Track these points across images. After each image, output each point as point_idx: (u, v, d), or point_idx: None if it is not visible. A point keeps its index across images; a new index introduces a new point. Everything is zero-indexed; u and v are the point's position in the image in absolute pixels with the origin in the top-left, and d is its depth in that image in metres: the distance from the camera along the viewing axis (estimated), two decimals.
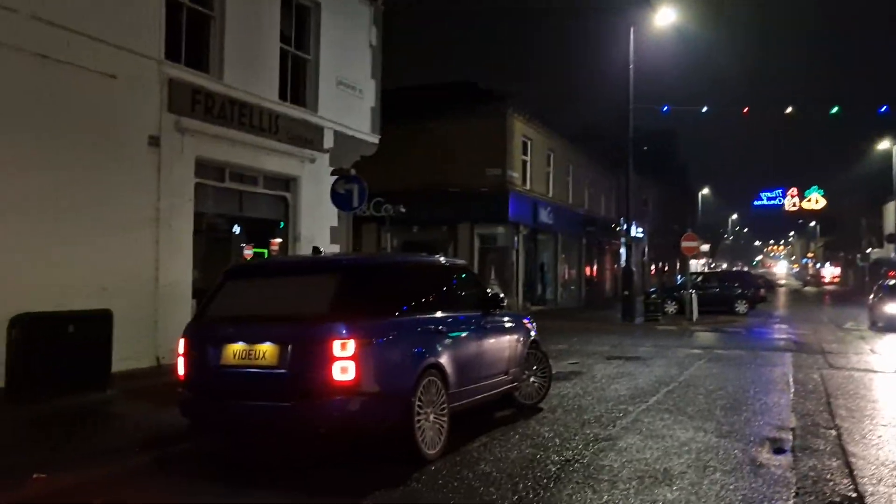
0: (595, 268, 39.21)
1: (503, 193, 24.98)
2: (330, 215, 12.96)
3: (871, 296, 24.83)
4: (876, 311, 22.14)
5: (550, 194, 30.05)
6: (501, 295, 8.05)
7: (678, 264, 51.61)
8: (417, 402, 5.80)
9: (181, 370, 5.84)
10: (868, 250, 55.47)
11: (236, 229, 12.20)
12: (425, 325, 6.26)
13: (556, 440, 6.86)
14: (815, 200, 63.14)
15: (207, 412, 5.74)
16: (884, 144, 43.75)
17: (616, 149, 36.79)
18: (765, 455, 6.42)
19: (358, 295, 5.67)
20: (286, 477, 5.76)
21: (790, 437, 7.15)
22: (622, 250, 33.01)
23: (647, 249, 49.63)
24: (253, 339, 5.48)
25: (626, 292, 23.95)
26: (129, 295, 8.87)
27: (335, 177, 11.00)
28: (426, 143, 25.45)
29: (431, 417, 6.03)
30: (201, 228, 10.72)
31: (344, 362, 5.22)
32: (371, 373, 5.44)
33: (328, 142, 13.08)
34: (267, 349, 5.42)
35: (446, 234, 26.27)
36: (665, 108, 24.22)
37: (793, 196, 63.53)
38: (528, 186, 27.35)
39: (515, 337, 8.10)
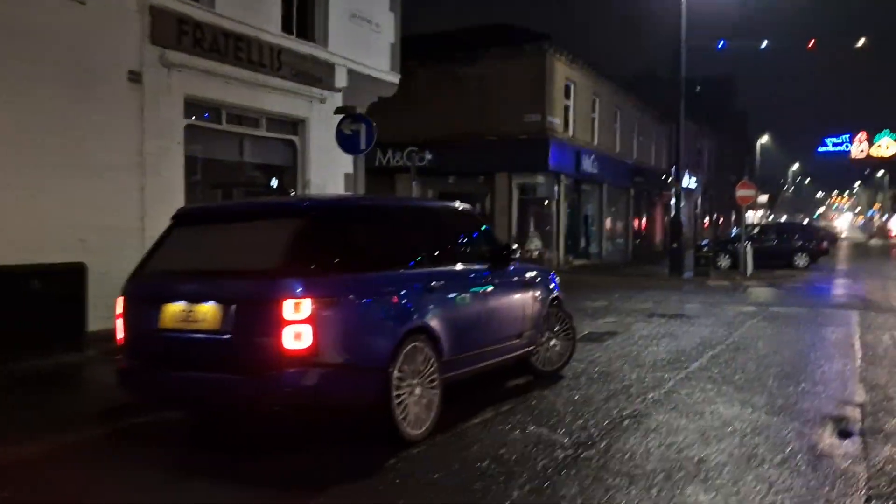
0: (644, 221, 37.44)
1: (543, 141, 23.50)
2: (344, 161, 11.95)
3: None
4: None
5: (595, 142, 28.35)
6: (515, 246, 6.90)
7: (734, 216, 49.19)
8: (397, 374, 4.81)
9: (119, 334, 4.97)
10: None
11: (272, 181, 11.21)
12: (411, 281, 5.22)
13: (572, 417, 5.81)
14: (886, 146, 58.95)
15: (145, 383, 4.88)
16: None
17: (669, 94, 34.72)
18: (826, 440, 5.25)
19: (322, 244, 4.66)
20: (241, 461, 4.87)
21: (858, 416, 5.94)
22: (673, 201, 31.25)
23: (700, 201, 47.35)
24: (194, 298, 4.55)
25: (675, 245, 22.43)
26: (111, 248, 8.08)
27: (340, 116, 9.92)
28: (462, 89, 24.10)
29: (417, 391, 5.04)
30: (196, 175, 9.85)
31: (297, 327, 4.24)
32: (334, 339, 4.45)
33: (341, 80, 11.97)
34: (209, 310, 4.47)
35: (483, 184, 25.03)
36: (721, 44, 22.20)
37: (861, 142, 59.47)
38: (570, 134, 25.74)
39: (532, 294, 7.01)
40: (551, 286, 7.56)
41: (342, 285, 4.59)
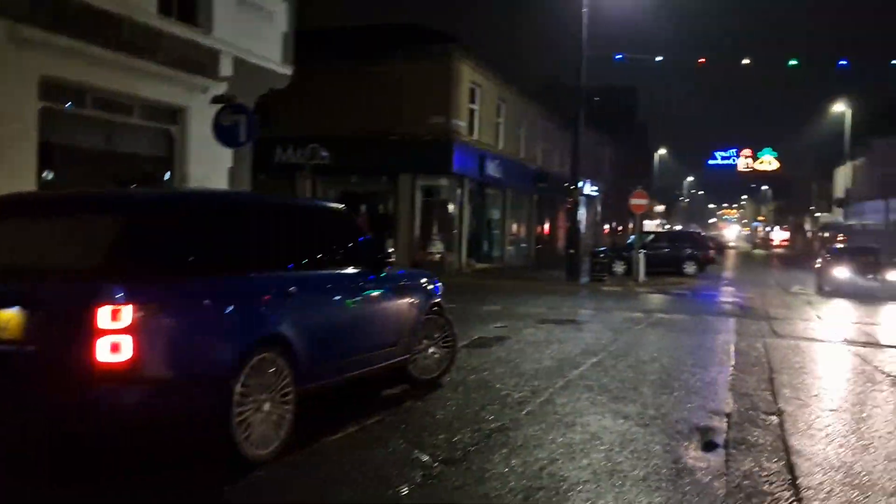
0: (547, 226, 38.13)
1: (447, 143, 23.37)
2: (227, 154, 11.28)
3: (819, 260, 24.27)
4: (823, 276, 21.52)
5: (500, 147, 28.55)
6: (391, 250, 6.59)
7: (631, 224, 51.02)
8: (240, 389, 4.36)
9: None
10: (817, 214, 55.69)
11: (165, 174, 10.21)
12: (263, 286, 4.78)
13: (440, 431, 5.53)
14: (769, 162, 63.04)
15: None
16: (837, 107, 43.20)
17: (571, 103, 35.54)
18: (691, 453, 5.20)
19: (150, 243, 4.15)
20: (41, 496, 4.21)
21: (724, 427, 5.97)
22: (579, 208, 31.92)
23: (600, 208, 48.77)
24: None
25: (572, 251, 22.83)
26: None
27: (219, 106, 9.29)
28: (367, 87, 23.63)
29: (266, 407, 4.61)
30: (57, 164, 8.95)
31: (115, 337, 3.73)
32: (161, 352, 3.96)
33: (226, 69, 11.28)
34: (12, 317, 3.88)
35: (387, 185, 24.66)
36: (619, 56, 22.79)
37: (746, 157, 63.30)
38: (475, 137, 25.77)
39: (408, 301, 6.70)
40: (431, 292, 7.28)
41: (173, 290, 4.10)
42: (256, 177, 19.61)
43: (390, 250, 6.54)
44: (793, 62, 20.15)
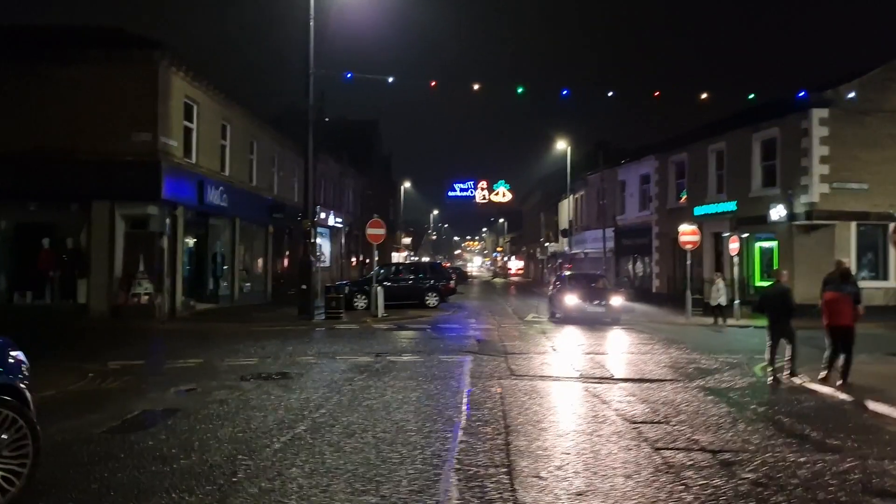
0: (287, 260, 35.37)
1: (154, 164, 19.72)
2: None
3: (551, 287, 24.88)
4: (555, 303, 21.82)
5: (227, 172, 25.37)
6: None
7: (378, 257, 50.25)
8: None
9: None
10: (546, 244, 60.03)
11: None
12: None
13: None
14: (503, 194, 67.13)
15: None
16: (560, 144, 46.79)
17: (315, 132, 33.56)
18: None
19: None
20: None
21: None
22: (314, 240, 29.71)
23: (345, 241, 47.27)
24: None
25: (304, 286, 20.51)
26: None
27: None
28: (51, 94, 19.30)
29: None
30: None
31: None
32: None
33: None
34: None
35: (78, 213, 20.21)
36: (348, 75, 21.25)
37: (483, 189, 66.74)
38: (192, 160, 22.36)
39: None
40: None
41: None
42: None
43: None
44: (520, 89, 20.19)
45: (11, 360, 4.73)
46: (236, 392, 8.97)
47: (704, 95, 21.39)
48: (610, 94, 20.60)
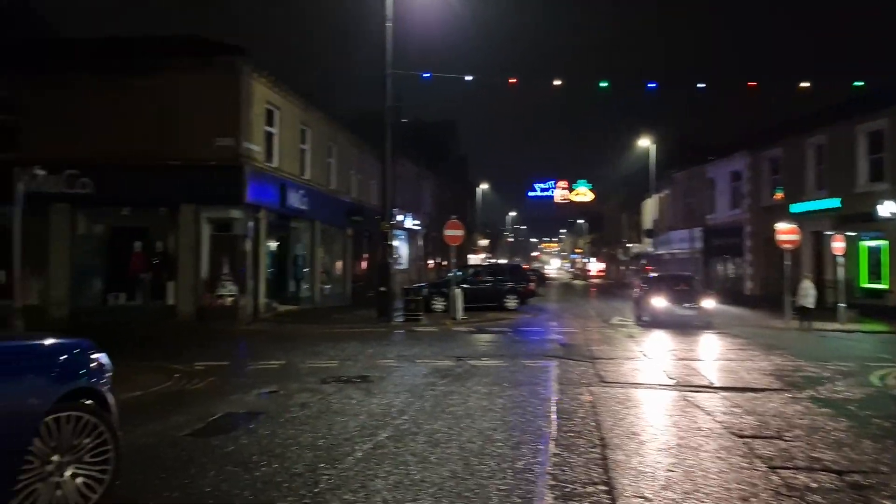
0: (365, 262, 35.62)
1: (238, 169, 20.12)
2: None
3: (636, 290, 23.88)
4: (641, 305, 20.90)
5: (307, 176, 25.70)
6: None
7: (456, 259, 50.05)
8: None
9: None
10: (629, 245, 58.37)
11: None
12: None
13: None
14: (584, 193, 65.76)
15: None
16: (643, 142, 45.30)
17: (392, 134, 33.69)
18: None
19: None
20: None
21: None
22: (392, 242, 29.77)
23: (423, 243, 47.31)
24: None
25: (383, 289, 20.43)
26: None
27: None
28: (140, 104, 19.94)
29: None
30: None
31: None
32: None
33: None
34: None
35: (166, 217, 20.84)
36: (426, 75, 21.07)
37: (563, 188, 65.60)
38: (274, 164, 22.74)
39: (11, 395, 3.72)
40: (63, 372, 4.32)
41: None
42: None
43: None
44: (603, 84, 19.47)
45: (93, 364, 4.60)
46: (317, 395, 8.79)
47: (805, 84, 20.01)
48: (700, 85, 19.54)
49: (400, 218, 37.67)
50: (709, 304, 19.48)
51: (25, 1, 21.67)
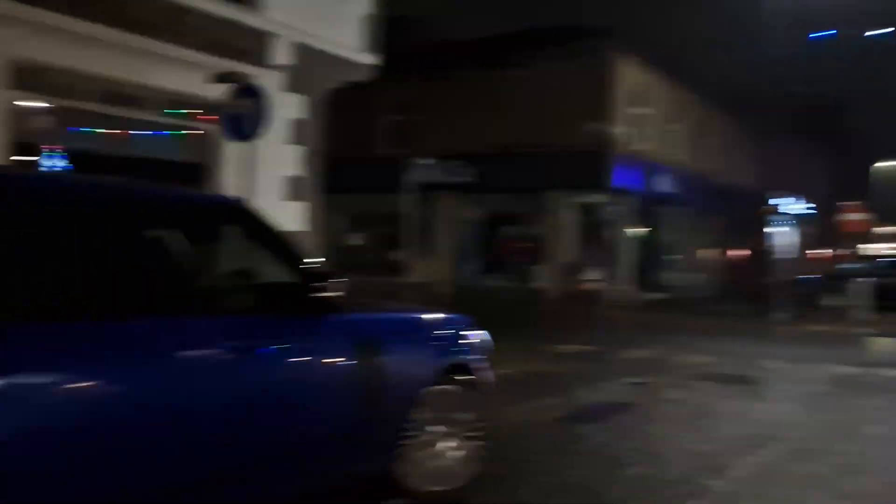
0: (739, 251, 32.60)
1: (604, 154, 20.00)
2: (284, 159, 9.23)
3: None
4: None
5: (675, 158, 24.40)
6: (331, 273, 3.72)
7: (857, 247, 42.87)
8: None
9: None
10: None
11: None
12: None
13: None
14: None
15: None
16: None
17: (772, 107, 30.14)
18: None
19: None
20: None
21: None
22: (772, 228, 26.63)
23: (811, 230, 41.51)
24: None
25: (762, 280, 18.26)
26: None
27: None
28: (508, 96, 21.12)
29: None
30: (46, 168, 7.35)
31: None
32: None
33: (283, 56, 9.26)
34: None
35: (534, 203, 21.73)
36: (815, 35, 18.00)
37: None
38: (640, 147, 22.02)
39: (380, 365, 3.85)
40: (446, 346, 4.37)
41: None
42: (390, 196, 17.79)
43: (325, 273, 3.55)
44: None
45: (473, 340, 4.62)
46: (690, 392, 7.96)
47: None
48: None
49: (782, 201, 33.60)
50: None
51: (419, 10, 24.75)
